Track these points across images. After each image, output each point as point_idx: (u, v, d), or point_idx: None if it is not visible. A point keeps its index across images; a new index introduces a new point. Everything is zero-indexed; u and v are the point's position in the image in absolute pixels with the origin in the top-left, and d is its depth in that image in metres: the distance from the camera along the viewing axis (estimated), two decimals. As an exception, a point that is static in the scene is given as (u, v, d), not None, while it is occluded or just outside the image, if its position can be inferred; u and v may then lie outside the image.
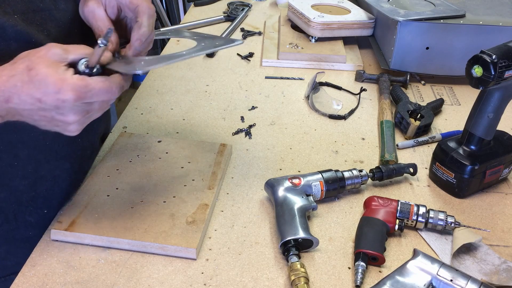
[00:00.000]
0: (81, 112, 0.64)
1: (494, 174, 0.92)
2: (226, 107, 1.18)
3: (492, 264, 0.77)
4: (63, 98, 0.60)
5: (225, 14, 1.70)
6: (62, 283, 0.72)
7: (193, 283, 0.74)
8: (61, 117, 0.63)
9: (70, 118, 0.63)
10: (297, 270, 0.72)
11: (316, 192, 0.86)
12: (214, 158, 0.95)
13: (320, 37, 1.44)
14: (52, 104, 0.61)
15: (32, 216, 0.85)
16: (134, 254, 0.78)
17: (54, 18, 0.78)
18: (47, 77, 0.60)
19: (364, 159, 1.02)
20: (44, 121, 0.64)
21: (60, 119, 0.63)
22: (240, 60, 1.42)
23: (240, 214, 0.87)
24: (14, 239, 0.85)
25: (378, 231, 0.80)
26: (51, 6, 0.78)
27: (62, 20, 0.80)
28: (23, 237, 0.85)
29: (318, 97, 1.22)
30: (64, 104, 0.61)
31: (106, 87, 0.63)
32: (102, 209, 0.82)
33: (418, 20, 1.25)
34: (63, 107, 0.61)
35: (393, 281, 0.70)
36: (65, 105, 0.61)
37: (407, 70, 1.30)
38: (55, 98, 0.60)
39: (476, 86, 0.82)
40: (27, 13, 0.74)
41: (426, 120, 1.10)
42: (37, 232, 0.84)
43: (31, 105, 0.61)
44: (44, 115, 0.63)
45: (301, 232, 0.77)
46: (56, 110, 0.62)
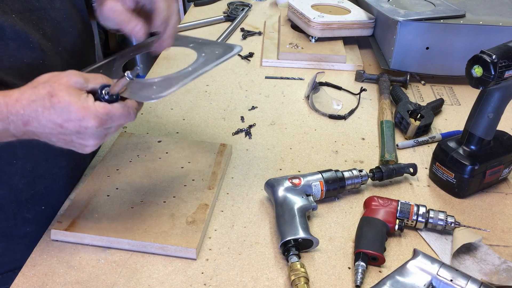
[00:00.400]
0: (100, 137, 0.66)
1: (494, 174, 0.92)
2: (226, 107, 1.18)
3: (492, 264, 0.77)
4: (86, 125, 0.63)
5: (225, 14, 1.70)
6: (62, 283, 0.72)
7: (193, 283, 0.74)
8: (80, 141, 0.65)
9: (90, 142, 0.66)
10: (297, 270, 0.72)
11: (316, 192, 0.86)
12: (214, 158, 0.95)
13: (320, 37, 1.44)
14: (73, 130, 0.63)
15: (30, 213, 0.85)
16: (134, 254, 0.78)
17: (50, 17, 0.79)
18: (70, 104, 0.62)
19: (364, 159, 1.02)
20: (62, 143, 0.66)
21: (80, 143, 0.65)
22: (240, 60, 1.42)
23: (240, 214, 0.87)
24: (12, 236, 0.86)
25: (378, 231, 0.80)
26: (47, 5, 0.78)
27: (57, 19, 0.80)
28: (20, 234, 0.86)
29: (318, 97, 1.22)
30: (87, 130, 0.63)
31: (125, 113, 0.66)
32: (102, 209, 0.82)
33: (418, 20, 1.25)
34: (85, 133, 0.64)
35: (393, 281, 0.70)
36: (87, 131, 0.63)
37: (407, 70, 1.30)
38: (78, 124, 0.62)
39: (476, 86, 0.82)
40: (24, 12, 0.74)
41: (426, 120, 1.10)
42: (34, 228, 0.85)
43: (51, 129, 0.63)
44: (63, 138, 0.65)
45: (301, 232, 0.77)
46: (76, 135, 0.64)
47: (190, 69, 0.77)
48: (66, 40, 0.83)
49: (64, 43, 0.82)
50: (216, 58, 0.80)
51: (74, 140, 0.65)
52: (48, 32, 0.79)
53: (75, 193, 0.87)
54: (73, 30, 0.84)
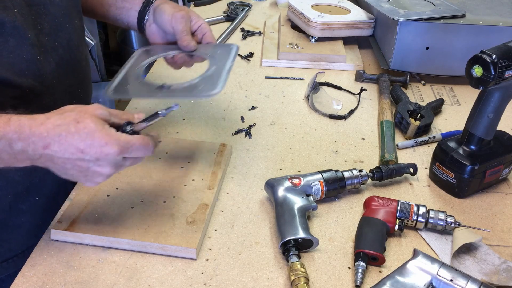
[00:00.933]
0: (117, 166, 0.67)
1: (494, 174, 0.92)
2: (226, 107, 1.18)
3: (492, 264, 0.77)
4: (108, 152, 0.64)
5: (225, 14, 1.70)
6: (62, 283, 0.72)
7: (193, 283, 0.74)
8: (98, 169, 0.66)
9: (106, 170, 0.66)
10: (297, 270, 0.72)
11: (316, 192, 0.86)
12: (214, 158, 0.95)
13: (320, 37, 1.44)
14: (94, 156, 0.64)
15: (25, 204, 0.87)
16: (134, 254, 0.78)
17: (49, 13, 0.80)
18: (94, 131, 0.64)
19: (364, 159, 1.02)
20: (76, 171, 0.66)
21: (96, 171, 0.66)
22: (240, 60, 1.42)
23: (240, 214, 0.87)
24: (7, 226, 0.87)
25: (378, 231, 0.80)
26: (47, 0, 0.79)
27: (55, 14, 0.81)
28: (15, 224, 0.87)
29: (318, 97, 1.22)
30: (107, 157, 0.65)
31: (145, 144, 0.69)
32: (102, 209, 0.82)
33: (418, 20, 1.25)
34: (104, 159, 0.65)
35: (393, 281, 0.70)
36: (107, 158, 0.65)
37: (407, 70, 1.30)
38: (100, 150, 0.64)
39: (476, 86, 0.82)
40: (25, 7, 0.75)
41: (426, 120, 1.10)
42: (28, 218, 0.87)
43: (71, 154, 0.64)
44: (80, 165, 0.65)
45: (301, 232, 0.77)
46: (95, 162, 0.65)
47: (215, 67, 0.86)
48: (62, 35, 0.84)
49: (61, 39, 0.84)
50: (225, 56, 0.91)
51: (90, 168, 0.66)
52: (46, 27, 0.80)
53: (75, 193, 0.87)
54: (70, 26, 0.86)
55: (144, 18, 0.96)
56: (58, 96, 0.85)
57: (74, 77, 0.89)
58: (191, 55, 0.95)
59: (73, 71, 0.88)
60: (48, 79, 0.81)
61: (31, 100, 0.80)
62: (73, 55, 0.88)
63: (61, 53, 0.84)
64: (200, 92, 0.82)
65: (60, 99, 0.85)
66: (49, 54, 0.81)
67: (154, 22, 0.96)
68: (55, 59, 0.83)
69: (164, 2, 0.95)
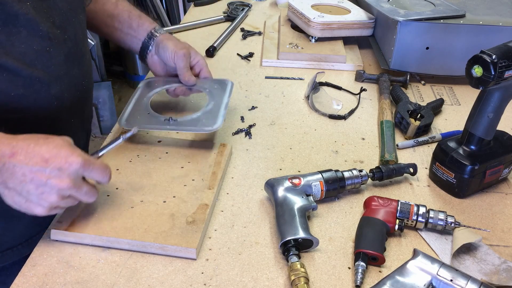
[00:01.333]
0: (74, 185, 0.69)
1: (494, 174, 0.92)
2: (226, 107, 1.18)
3: (492, 264, 0.77)
4: (72, 161, 0.68)
5: (225, 14, 1.70)
6: (62, 283, 0.72)
7: (193, 283, 0.74)
8: (56, 182, 0.68)
9: (64, 184, 0.68)
10: (297, 270, 0.72)
11: (316, 192, 0.86)
12: (214, 158, 0.95)
13: (320, 37, 1.44)
14: (57, 165, 0.68)
15: None
16: (134, 254, 0.78)
17: (58, 7, 0.84)
18: (62, 146, 0.69)
19: (364, 159, 1.02)
20: (33, 185, 0.68)
21: (53, 185, 0.68)
22: (240, 60, 1.42)
23: (240, 214, 0.87)
24: (11, 217, 0.88)
25: (378, 231, 0.80)
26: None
27: (63, 9, 0.85)
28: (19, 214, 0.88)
29: (318, 97, 1.22)
30: (70, 167, 0.68)
31: (104, 168, 0.73)
32: (102, 209, 0.82)
33: (418, 20, 1.25)
34: (66, 170, 0.68)
35: (393, 281, 0.70)
36: (70, 169, 0.68)
37: (407, 70, 1.30)
38: (64, 160, 0.68)
39: (476, 86, 0.82)
40: (37, 1, 0.79)
41: (426, 120, 1.10)
42: None
43: (35, 163, 0.67)
44: (39, 178, 0.67)
45: (301, 232, 0.77)
46: (56, 173, 0.68)
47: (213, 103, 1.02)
48: (71, 29, 0.88)
49: (69, 32, 0.88)
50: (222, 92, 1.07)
51: (48, 181, 0.67)
52: (57, 21, 0.84)
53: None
54: (76, 20, 0.90)
55: (147, 49, 1.07)
56: (65, 87, 0.88)
57: (79, 70, 0.92)
58: (190, 88, 1.08)
59: (78, 63, 0.92)
60: (56, 70, 0.85)
61: (40, 89, 0.83)
62: (79, 48, 0.92)
63: (70, 45, 0.88)
64: (203, 126, 0.96)
65: (67, 90, 0.89)
66: (60, 46, 0.85)
67: (157, 54, 1.07)
68: (64, 51, 0.86)
69: (168, 39, 1.05)
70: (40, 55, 0.81)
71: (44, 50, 0.82)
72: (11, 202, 0.70)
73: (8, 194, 0.69)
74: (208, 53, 1.42)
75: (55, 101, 0.86)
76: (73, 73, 0.90)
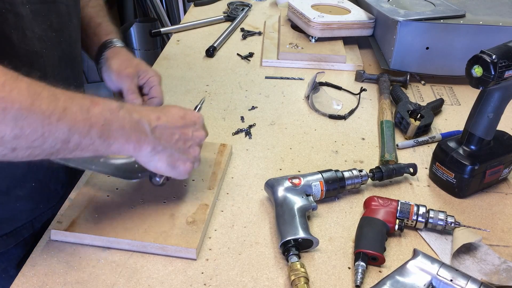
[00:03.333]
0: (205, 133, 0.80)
1: (494, 174, 0.92)
2: (226, 107, 1.18)
3: (492, 264, 0.77)
4: (198, 115, 0.80)
5: (225, 14, 1.70)
6: (62, 283, 0.72)
7: (193, 283, 0.74)
8: (196, 133, 0.78)
9: (202, 134, 0.79)
10: (297, 270, 0.72)
11: (316, 192, 0.86)
12: (214, 158, 0.95)
13: (320, 37, 1.44)
14: (192, 119, 0.78)
15: (22, 191, 0.90)
16: (134, 254, 0.78)
17: (57, 10, 0.84)
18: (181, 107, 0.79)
19: (364, 159, 1.02)
20: (182, 141, 0.75)
21: (196, 136, 0.78)
22: (240, 60, 1.42)
23: (240, 214, 0.87)
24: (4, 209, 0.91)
25: (378, 231, 0.80)
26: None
27: (61, 13, 0.86)
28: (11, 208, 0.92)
29: (318, 97, 1.22)
30: (199, 119, 0.79)
31: None
32: (102, 209, 0.82)
33: (418, 20, 1.25)
34: (199, 123, 0.79)
35: (393, 281, 0.70)
36: (199, 120, 0.79)
37: (407, 70, 1.30)
38: (192, 115, 0.79)
39: (476, 86, 0.82)
40: (38, 3, 0.80)
41: (426, 120, 1.10)
42: (23, 202, 0.91)
43: (177, 121, 0.75)
44: (185, 133, 0.76)
45: (301, 232, 0.77)
46: (193, 126, 0.78)
47: None
48: (67, 32, 0.89)
49: (65, 35, 0.88)
50: None
51: (192, 134, 0.77)
52: (54, 23, 0.84)
53: (75, 193, 0.87)
54: (71, 24, 0.90)
55: (99, 64, 0.97)
56: None
57: (71, 71, 0.93)
58: None
59: (71, 65, 0.93)
60: (50, 71, 0.85)
61: None
62: (72, 50, 0.92)
63: (64, 48, 0.88)
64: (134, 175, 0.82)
65: None
66: (55, 48, 0.85)
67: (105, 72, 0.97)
68: (58, 53, 0.87)
69: (114, 56, 0.95)
70: (38, 57, 0.82)
71: (42, 52, 0.82)
72: (162, 166, 0.73)
73: (161, 158, 0.73)
74: (208, 53, 1.42)
75: None
76: (66, 74, 0.91)
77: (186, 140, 0.76)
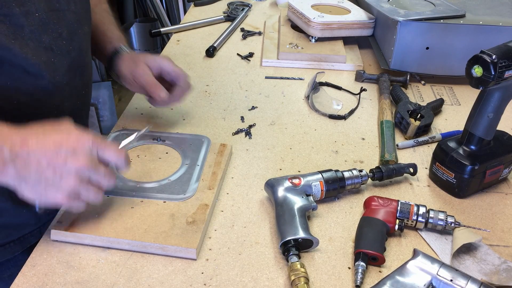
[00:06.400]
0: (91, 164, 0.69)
1: (494, 174, 0.92)
2: (226, 107, 1.18)
3: (492, 264, 0.77)
4: (84, 141, 0.69)
5: (225, 14, 1.70)
6: (62, 283, 0.72)
7: (193, 283, 0.74)
8: (73, 162, 0.67)
9: (81, 162, 0.67)
10: (297, 270, 0.72)
11: (316, 192, 0.86)
12: (214, 158, 0.95)
13: (320, 37, 1.44)
14: (71, 146, 0.67)
15: None
16: (134, 254, 0.78)
17: (66, 18, 0.84)
18: (71, 129, 0.70)
19: (364, 159, 1.02)
20: (51, 171, 0.67)
21: (71, 165, 0.67)
22: (240, 60, 1.42)
23: (240, 214, 0.87)
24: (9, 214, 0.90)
25: (378, 231, 0.80)
26: (65, 6, 0.84)
27: (71, 21, 0.86)
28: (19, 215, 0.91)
29: (318, 97, 1.22)
30: (84, 146, 0.68)
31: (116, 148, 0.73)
32: (102, 209, 0.82)
33: (418, 20, 1.25)
34: (81, 149, 0.68)
35: (393, 281, 0.70)
36: (84, 147, 0.68)
37: (407, 70, 1.30)
38: (76, 140, 0.68)
39: (476, 86, 0.82)
40: (47, 12, 0.79)
41: (426, 120, 1.10)
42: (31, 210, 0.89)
43: (48, 148, 0.66)
44: (56, 161, 0.66)
45: (301, 232, 0.77)
46: (72, 153, 0.67)
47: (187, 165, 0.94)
48: (76, 40, 0.88)
49: (75, 43, 0.88)
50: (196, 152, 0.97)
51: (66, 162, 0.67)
52: (64, 32, 0.84)
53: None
54: (81, 32, 0.90)
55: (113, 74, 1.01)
56: (66, 96, 0.89)
57: (81, 80, 0.92)
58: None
59: (81, 74, 0.92)
60: (59, 80, 0.85)
61: (41, 98, 0.84)
62: (82, 58, 0.91)
63: (74, 56, 0.88)
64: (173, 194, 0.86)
65: (67, 98, 0.89)
66: (64, 57, 0.85)
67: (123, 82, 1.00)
68: (68, 61, 0.86)
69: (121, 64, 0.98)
70: (46, 66, 0.81)
71: (49, 61, 0.82)
72: (30, 194, 0.68)
73: (25, 187, 0.68)
74: (208, 53, 1.42)
75: (55, 110, 0.86)
76: (75, 83, 0.90)
77: (54, 169, 0.67)
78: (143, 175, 0.90)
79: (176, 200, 0.84)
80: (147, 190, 0.87)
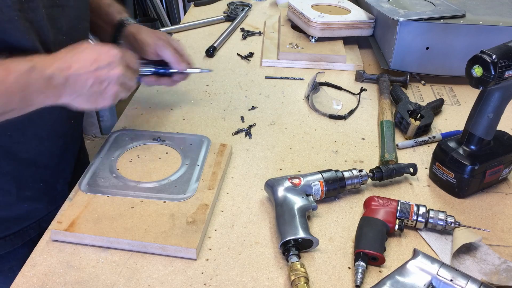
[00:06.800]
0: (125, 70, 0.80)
1: (494, 174, 0.92)
2: (226, 107, 1.18)
3: (492, 264, 0.77)
4: (114, 53, 0.79)
5: (225, 14, 1.70)
6: (62, 283, 0.72)
7: (193, 283, 0.74)
8: (112, 72, 0.78)
9: (119, 70, 0.78)
10: (297, 270, 0.72)
11: (316, 192, 0.86)
12: (214, 158, 0.95)
13: (320, 37, 1.44)
14: (106, 60, 0.77)
15: (30, 191, 0.93)
16: (134, 254, 0.78)
17: (66, 14, 0.86)
18: (95, 45, 0.80)
19: (364, 159, 1.02)
20: (97, 84, 0.77)
21: (112, 75, 0.78)
22: (240, 60, 1.42)
23: (240, 214, 0.87)
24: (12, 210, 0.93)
25: (378, 231, 0.80)
26: (65, 2, 0.85)
27: (71, 16, 0.87)
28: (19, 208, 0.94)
29: (318, 97, 1.22)
30: (115, 57, 0.79)
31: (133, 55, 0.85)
32: (102, 209, 0.82)
33: (418, 20, 1.25)
34: (114, 61, 0.78)
35: (393, 281, 0.70)
36: (116, 58, 0.78)
37: (407, 70, 1.30)
38: (108, 54, 0.78)
39: (476, 86, 0.82)
40: (49, 8, 0.82)
41: (426, 120, 1.10)
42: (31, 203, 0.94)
43: (89, 66, 0.76)
44: (99, 75, 0.77)
45: (301, 232, 0.77)
46: (108, 67, 0.78)
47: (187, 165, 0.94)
48: (76, 35, 0.90)
49: (75, 38, 0.88)
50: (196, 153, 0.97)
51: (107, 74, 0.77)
52: (64, 27, 0.86)
53: (75, 193, 0.87)
54: (81, 27, 0.92)
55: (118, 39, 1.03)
56: None
57: None
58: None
59: None
60: None
61: None
62: None
63: None
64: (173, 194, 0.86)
65: None
66: None
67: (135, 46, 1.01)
68: None
69: (140, 32, 1.01)
70: None
71: None
72: (85, 106, 0.80)
73: (81, 101, 0.78)
74: (208, 53, 1.42)
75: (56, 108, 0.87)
76: None
77: (101, 82, 0.77)
78: (143, 175, 0.90)
79: (176, 200, 0.84)
80: (147, 190, 0.87)
